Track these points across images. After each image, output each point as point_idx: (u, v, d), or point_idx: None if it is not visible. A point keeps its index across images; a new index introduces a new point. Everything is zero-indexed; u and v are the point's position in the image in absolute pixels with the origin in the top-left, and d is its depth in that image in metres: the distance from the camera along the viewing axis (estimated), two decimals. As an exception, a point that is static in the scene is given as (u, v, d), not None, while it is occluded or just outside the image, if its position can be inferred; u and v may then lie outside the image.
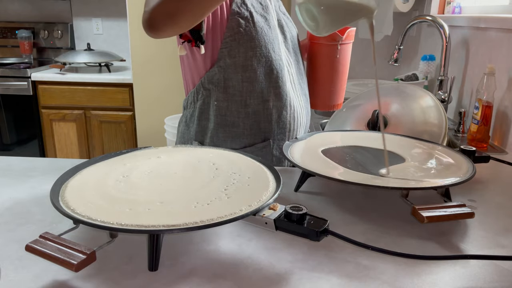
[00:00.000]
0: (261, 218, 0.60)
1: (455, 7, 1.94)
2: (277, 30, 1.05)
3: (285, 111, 1.03)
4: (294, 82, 1.08)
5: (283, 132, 1.05)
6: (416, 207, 0.67)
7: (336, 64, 1.14)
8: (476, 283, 0.57)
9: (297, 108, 1.07)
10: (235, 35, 0.97)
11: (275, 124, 1.03)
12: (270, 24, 1.01)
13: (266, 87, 1.00)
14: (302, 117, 1.10)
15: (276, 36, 1.03)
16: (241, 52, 0.97)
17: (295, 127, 1.08)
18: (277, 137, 1.05)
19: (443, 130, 1.03)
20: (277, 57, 1.01)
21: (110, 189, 0.68)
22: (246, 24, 0.97)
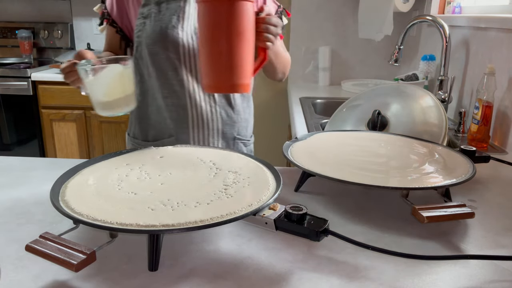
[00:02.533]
0: (261, 218, 0.60)
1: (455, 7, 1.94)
2: (179, 29, 1.06)
3: (186, 110, 1.09)
4: (197, 76, 1.10)
5: (186, 132, 1.11)
6: (416, 207, 0.67)
7: (222, 26, 0.84)
8: (476, 283, 0.57)
9: (205, 110, 1.10)
10: (138, 33, 1.07)
11: (177, 122, 1.10)
12: (169, 23, 1.05)
13: (164, 84, 1.08)
14: (213, 119, 1.12)
15: (174, 35, 1.05)
16: (143, 49, 1.07)
17: (202, 129, 1.11)
18: (181, 137, 1.11)
19: (443, 130, 1.03)
20: (174, 56, 1.06)
21: (110, 189, 0.68)
22: (145, 22, 1.06)
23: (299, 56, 2.47)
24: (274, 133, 2.66)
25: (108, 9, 1.14)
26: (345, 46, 2.44)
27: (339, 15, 2.40)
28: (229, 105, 1.15)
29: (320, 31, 2.43)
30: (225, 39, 0.83)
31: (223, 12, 0.82)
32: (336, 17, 2.40)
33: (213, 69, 0.86)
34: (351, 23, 2.39)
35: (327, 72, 2.42)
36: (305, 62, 2.48)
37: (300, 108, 1.85)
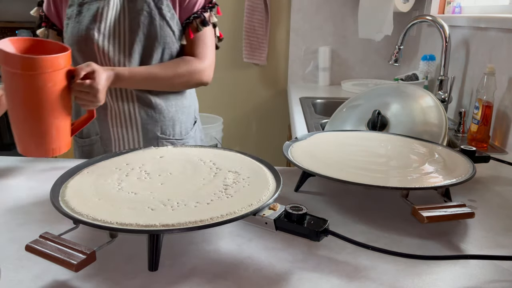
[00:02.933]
0: (261, 218, 0.60)
1: (455, 7, 1.94)
2: (95, 30, 1.06)
3: (106, 110, 1.12)
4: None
5: (107, 131, 1.14)
6: (416, 207, 0.67)
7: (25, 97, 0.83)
8: (476, 283, 0.57)
9: (124, 109, 1.12)
10: (64, 34, 1.09)
11: (99, 121, 1.14)
12: (89, 25, 1.06)
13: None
14: (132, 119, 1.13)
15: (90, 36, 1.06)
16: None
17: (120, 128, 1.14)
18: (104, 135, 1.15)
19: (443, 130, 1.03)
20: (90, 57, 1.07)
21: (110, 189, 0.68)
22: (68, 23, 1.08)
23: (299, 56, 2.48)
24: (274, 133, 2.66)
25: (46, 12, 1.13)
26: (345, 46, 2.44)
27: (339, 15, 2.40)
28: (148, 106, 1.13)
29: (320, 31, 2.43)
30: (26, 107, 0.83)
31: (19, 83, 0.82)
32: (336, 17, 2.40)
33: (19, 135, 0.87)
34: (351, 23, 2.39)
35: (327, 72, 2.42)
36: (305, 62, 2.48)
37: (300, 108, 1.85)
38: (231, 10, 2.47)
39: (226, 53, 2.53)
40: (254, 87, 2.59)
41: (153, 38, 1.07)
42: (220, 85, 2.58)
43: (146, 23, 1.07)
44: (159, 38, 1.08)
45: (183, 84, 1.13)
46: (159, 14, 1.07)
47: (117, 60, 1.08)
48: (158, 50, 1.09)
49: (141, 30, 1.07)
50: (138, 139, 1.15)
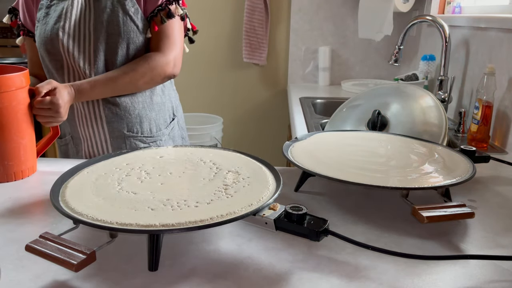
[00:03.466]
0: (261, 218, 0.60)
1: (455, 7, 1.94)
2: (60, 30, 1.07)
3: (72, 110, 1.13)
4: (79, 77, 1.11)
5: (76, 131, 1.16)
6: (416, 207, 0.67)
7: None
8: (476, 283, 0.57)
9: (87, 109, 1.12)
10: (36, 38, 1.09)
11: (69, 121, 1.15)
12: (53, 25, 1.07)
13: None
14: (96, 118, 1.13)
15: (53, 37, 1.07)
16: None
17: (87, 128, 1.14)
18: (74, 135, 1.17)
19: (443, 130, 1.03)
20: (54, 58, 1.09)
21: (110, 189, 0.68)
22: (37, 26, 1.08)
23: (299, 56, 2.48)
24: (274, 133, 2.66)
25: (22, 20, 1.12)
26: (345, 46, 2.44)
27: (339, 15, 2.40)
28: (112, 103, 1.12)
29: (320, 31, 2.43)
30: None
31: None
32: (336, 17, 2.40)
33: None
34: (351, 23, 2.39)
35: (327, 72, 2.41)
36: (305, 62, 2.48)
37: (300, 108, 1.85)
38: (231, 10, 2.47)
39: (226, 53, 2.53)
40: (254, 87, 2.59)
41: (116, 34, 1.07)
42: (220, 85, 2.58)
43: (109, 20, 1.06)
44: (122, 34, 1.07)
45: (148, 82, 1.11)
46: (122, 9, 1.07)
47: (82, 59, 1.07)
48: (122, 46, 1.08)
49: (104, 27, 1.06)
50: (105, 137, 1.15)
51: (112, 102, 1.12)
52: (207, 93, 2.60)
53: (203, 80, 2.56)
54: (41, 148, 0.95)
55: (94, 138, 1.15)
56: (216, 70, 2.56)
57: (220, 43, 2.52)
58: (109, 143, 1.15)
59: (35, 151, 0.92)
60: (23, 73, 0.86)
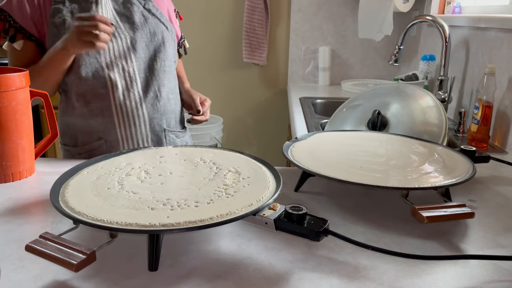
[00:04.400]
0: (261, 218, 0.60)
1: (455, 7, 1.94)
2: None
3: (110, 110, 1.11)
4: (131, 80, 1.11)
5: (114, 132, 1.12)
6: (416, 207, 0.67)
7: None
8: (476, 283, 0.57)
9: (130, 106, 1.12)
10: (51, 44, 1.06)
11: (103, 124, 1.11)
12: None
13: (87, 89, 1.09)
14: (139, 115, 1.13)
15: None
16: None
17: (128, 126, 1.13)
18: (109, 137, 1.13)
19: (443, 130, 1.03)
20: (95, 60, 1.07)
21: (110, 189, 0.68)
22: (59, 31, 1.06)
23: (299, 56, 2.48)
24: (274, 133, 2.66)
25: (20, 22, 1.07)
26: (345, 46, 2.44)
27: (339, 15, 2.40)
28: (155, 98, 1.15)
29: (320, 31, 2.43)
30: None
31: None
32: (336, 17, 2.40)
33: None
34: (351, 23, 2.39)
35: (327, 72, 2.42)
36: (305, 62, 2.48)
37: (300, 108, 1.85)
38: (231, 10, 2.47)
39: (226, 53, 2.53)
40: (254, 87, 2.59)
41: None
42: (220, 85, 2.58)
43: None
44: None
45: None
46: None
47: (135, 56, 1.12)
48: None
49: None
50: (146, 134, 1.15)
51: (155, 96, 1.14)
52: (207, 93, 2.59)
53: (203, 80, 2.56)
54: (40, 149, 0.95)
55: (135, 136, 1.14)
56: (216, 70, 2.56)
57: (220, 43, 2.52)
58: (149, 140, 1.16)
59: (33, 152, 0.92)
60: (23, 73, 0.86)
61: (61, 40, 1.02)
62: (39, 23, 1.08)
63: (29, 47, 1.10)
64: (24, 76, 0.87)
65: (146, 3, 1.16)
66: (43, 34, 1.09)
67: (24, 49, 1.09)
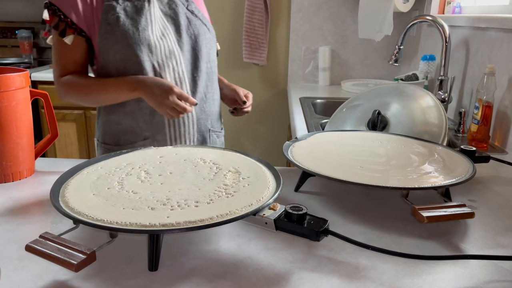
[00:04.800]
0: (261, 218, 0.60)
1: (455, 7, 1.94)
2: (149, 31, 1.08)
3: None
4: (180, 80, 1.12)
5: (162, 132, 1.12)
6: (416, 207, 0.67)
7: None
8: (476, 283, 0.57)
9: None
10: (104, 40, 1.06)
11: (150, 123, 1.11)
12: (139, 26, 1.06)
13: None
14: (188, 115, 1.13)
15: (146, 37, 1.07)
16: (111, 55, 1.07)
17: (178, 127, 1.12)
18: (156, 137, 1.12)
19: (443, 130, 1.03)
20: (147, 58, 1.07)
21: (110, 189, 0.68)
22: (113, 28, 1.05)
23: (299, 56, 2.47)
24: (274, 133, 2.66)
25: (74, 19, 1.06)
26: (345, 46, 2.44)
27: (339, 15, 2.40)
28: (202, 99, 1.16)
29: (320, 31, 2.43)
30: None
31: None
32: (336, 17, 2.40)
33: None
34: (351, 23, 2.39)
35: (327, 72, 2.41)
36: (305, 62, 2.48)
37: (300, 108, 1.85)
38: (231, 10, 2.47)
39: (226, 53, 2.53)
40: (254, 87, 2.59)
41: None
42: (220, 85, 2.58)
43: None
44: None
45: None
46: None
47: (183, 58, 1.13)
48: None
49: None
50: (193, 134, 1.16)
51: (201, 98, 1.15)
52: (207, 93, 2.60)
53: (203, 80, 2.55)
54: (40, 149, 0.95)
55: (183, 136, 1.15)
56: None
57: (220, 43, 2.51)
58: (195, 140, 1.17)
59: (33, 152, 0.92)
60: (23, 73, 0.86)
61: (135, 81, 1.04)
62: (90, 19, 1.07)
63: (79, 42, 1.08)
64: (24, 76, 0.86)
65: (189, 5, 1.16)
66: (91, 31, 1.08)
67: (74, 44, 1.08)
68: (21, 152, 0.88)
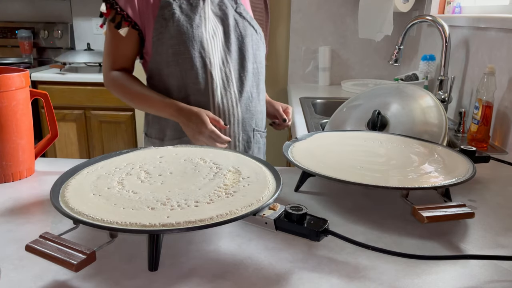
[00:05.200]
0: (261, 218, 0.60)
1: (455, 7, 1.94)
2: (203, 28, 1.10)
3: (208, 107, 1.11)
4: (228, 79, 1.13)
5: None
6: (416, 207, 0.67)
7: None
8: (476, 283, 0.57)
9: (226, 105, 1.12)
10: (158, 35, 1.09)
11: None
12: (193, 23, 1.08)
13: (187, 83, 1.10)
14: (234, 114, 1.14)
15: (199, 34, 1.09)
16: (164, 50, 1.09)
17: (223, 119, 1.13)
18: None
19: (443, 130, 1.03)
20: (199, 54, 1.09)
21: (110, 189, 0.68)
22: (167, 24, 1.07)
23: (299, 56, 2.47)
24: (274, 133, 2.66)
25: (130, 13, 1.10)
26: (345, 46, 2.44)
27: (339, 15, 2.40)
28: (248, 98, 1.17)
29: (320, 31, 2.43)
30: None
31: None
32: (336, 17, 2.40)
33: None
34: (351, 23, 2.39)
35: (327, 72, 2.42)
36: (305, 62, 2.48)
37: (300, 108, 1.85)
38: (231, 10, 2.47)
39: (226, 53, 2.53)
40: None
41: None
42: (220, 85, 2.58)
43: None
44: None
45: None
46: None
47: (233, 57, 1.14)
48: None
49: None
50: (239, 133, 1.17)
51: (248, 97, 1.16)
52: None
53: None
54: (40, 149, 0.95)
55: (228, 134, 1.16)
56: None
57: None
58: (240, 138, 1.18)
59: (33, 152, 0.92)
60: (23, 73, 0.86)
61: (175, 109, 1.06)
62: (145, 14, 1.10)
63: (132, 35, 1.12)
64: (24, 76, 0.86)
65: (237, 7, 1.19)
66: (145, 25, 1.11)
67: (127, 36, 1.11)
68: (21, 152, 0.88)
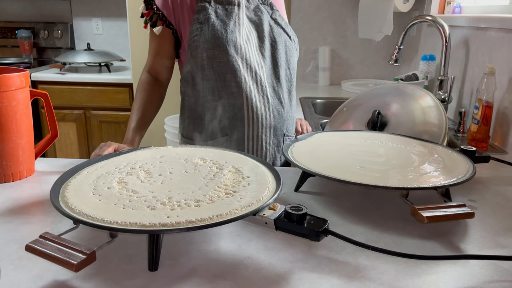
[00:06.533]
0: (261, 218, 0.60)
1: (455, 7, 1.94)
2: (237, 33, 1.11)
3: (242, 110, 1.11)
4: (261, 84, 1.14)
5: (241, 130, 1.13)
6: (416, 207, 0.67)
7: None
8: (476, 283, 0.57)
9: (259, 109, 1.13)
10: (193, 38, 1.10)
11: (232, 121, 1.13)
12: (227, 28, 1.09)
13: (221, 86, 1.11)
14: (267, 118, 1.14)
15: (233, 39, 1.10)
16: (199, 53, 1.10)
17: (256, 127, 1.13)
18: (235, 135, 1.13)
19: (443, 130, 1.03)
20: (233, 59, 1.09)
21: (110, 189, 0.68)
22: (202, 27, 1.09)
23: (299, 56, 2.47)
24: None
25: (163, 10, 1.13)
26: (345, 46, 2.44)
27: (339, 15, 2.40)
28: (280, 104, 1.18)
29: (320, 31, 2.43)
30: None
31: None
32: (336, 17, 2.40)
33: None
34: (351, 23, 2.39)
35: (327, 72, 2.41)
36: (305, 62, 2.48)
37: (300, 108, 1.85)
38: (231, 10, 2.47)
39: (226, 53, 2.52)
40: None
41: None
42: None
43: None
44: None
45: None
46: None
47: (266, 62, 1.16)
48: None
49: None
50: (269, 137, 1.18)
51: (280, 103, 1.17)
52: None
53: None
54: (40, 149, 0.95)
55: (260, 138, 1.16)
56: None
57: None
58: (271, 142, 1.18)
59: (33, 152, 0.92)
60: (23, 73, 0.86)
61: (129, 143, 1.11)
62: (180, 16, 1.13)
63: (166, 34, 1.15)
64: (24, 76, 0.86)
65: (273, 13, 1.20)
66: (181, 27, 1.14)
67: (161, 35, 1.15)
68: (21, 152, 0.88)
